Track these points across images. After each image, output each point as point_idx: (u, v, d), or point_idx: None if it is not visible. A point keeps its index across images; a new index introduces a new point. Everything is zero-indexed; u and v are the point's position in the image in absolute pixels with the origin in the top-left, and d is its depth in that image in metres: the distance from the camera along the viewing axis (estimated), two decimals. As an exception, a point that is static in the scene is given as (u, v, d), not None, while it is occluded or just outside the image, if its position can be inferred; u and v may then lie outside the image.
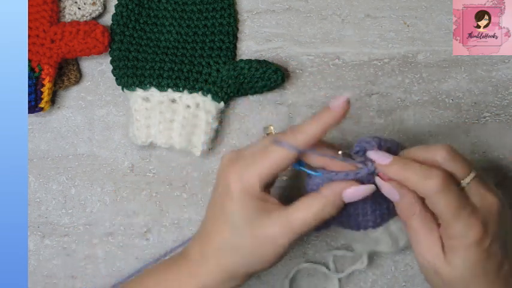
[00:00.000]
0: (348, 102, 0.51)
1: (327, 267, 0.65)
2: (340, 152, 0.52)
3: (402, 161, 0.51)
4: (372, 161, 0.53)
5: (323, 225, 0.55)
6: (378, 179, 0.52)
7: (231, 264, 0.52)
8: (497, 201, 0.51)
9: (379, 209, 0.56)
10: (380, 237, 0.59)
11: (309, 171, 0.53)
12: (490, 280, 0.50)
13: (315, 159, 0.53)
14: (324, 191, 0.52)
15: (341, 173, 0.52)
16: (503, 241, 0.51)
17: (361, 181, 0.53)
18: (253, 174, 0.51)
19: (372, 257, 0.66)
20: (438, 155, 0.51)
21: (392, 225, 0.59)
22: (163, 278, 0.54)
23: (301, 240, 0.61)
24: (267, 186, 0.53)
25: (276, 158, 0.51)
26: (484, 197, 0.50)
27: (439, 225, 0.52)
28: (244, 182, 0.51)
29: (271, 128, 0.54)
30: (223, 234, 0.52)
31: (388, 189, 0.52)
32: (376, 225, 0.57)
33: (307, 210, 0.51)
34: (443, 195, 0.49)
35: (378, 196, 0.54)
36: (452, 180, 0.50)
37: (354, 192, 0.52)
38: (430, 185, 0.49)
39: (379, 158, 0.52)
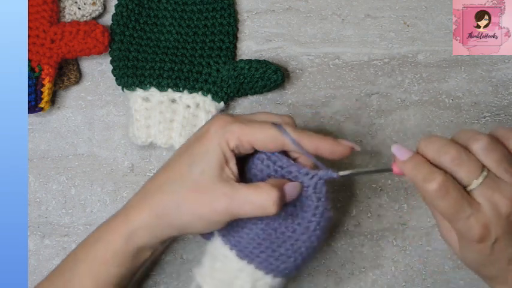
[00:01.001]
0: (352, 149, 0.52)
1: None
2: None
3: (415, 161, 0.51)
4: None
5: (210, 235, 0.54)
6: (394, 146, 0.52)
7: (164, 205, 0.51)
8: (507, 203, 0.49)
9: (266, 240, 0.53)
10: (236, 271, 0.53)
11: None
12: (502, 268, 0.51)
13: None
14: (272, 182, 0.51)
15: (295, 164, 0.51)
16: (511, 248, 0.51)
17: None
18: (238, 133, 0.50)
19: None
20: (446, 157, 0.50)
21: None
22: (102, 226, 0.54)
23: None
24: (239, 155, 0.52)
25: (267, 136, 0.51)
26: (491, 198, 0.49)
27: None
28: (226, 133, 0.50)
29: None
30: (172, 173, 0.51)
31: (403, 149, 0.52)
32: (285, 274, 0.53)
33: (254, 195, 0.50)
34: (440, 200, 0.49)
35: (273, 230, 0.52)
36: (452, 183, 0.49)
37: (294, 186, 0.51)
38: (428, 189, 0.49)
39: (399, 152, 0.51)
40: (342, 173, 0.51)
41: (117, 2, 0.66)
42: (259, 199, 0.50)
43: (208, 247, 0.54)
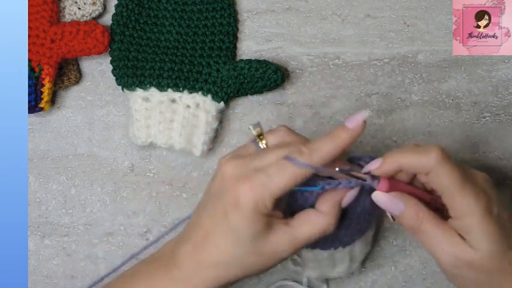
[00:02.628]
0: (365, 121, 0.50)
1: None
2: (337, 169, 0.51)
3: (394, 152, 0.51)
4: (368, 174, 0.51)
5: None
6: (376, 194, 0.51)
7: (228, 277, 0.51)
8: (485, 174, 0.51)
9: (351, 227, 0.56)
10: (341, 258, 0.59)
11: (309, 188, 0.51)
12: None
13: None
14: (323, 206, 0.52)
15: (340, 183, 0.51)
16: (506, 209, 0.51)
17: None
18: (269, 195, 0.49)
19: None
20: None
21: (357, 246, 0.59)
22: (152, 284, 0.52)
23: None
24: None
25: (292, 177, 0.49)
26: (474, 172, 0.51)
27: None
28: (258, 202, 0.49)
29: (259, 129, 0.52)
30: (225, 247, 0.50)
31: (391, 200, 0.51)
32: (345, 244, 0.58)
33: (311, 228, 0.51)
34: (446, 166, 0.49)
35: (351, 215, 0.54)
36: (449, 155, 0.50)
37: (350, 194, 0.52)
38: (431, 157, 0.49)
39: (371, 165, 0.51)
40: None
41: (117, 2, 0.66)
42: (316, 231, 0.51)
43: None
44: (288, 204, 0.53)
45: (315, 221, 0.51)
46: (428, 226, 0.51)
